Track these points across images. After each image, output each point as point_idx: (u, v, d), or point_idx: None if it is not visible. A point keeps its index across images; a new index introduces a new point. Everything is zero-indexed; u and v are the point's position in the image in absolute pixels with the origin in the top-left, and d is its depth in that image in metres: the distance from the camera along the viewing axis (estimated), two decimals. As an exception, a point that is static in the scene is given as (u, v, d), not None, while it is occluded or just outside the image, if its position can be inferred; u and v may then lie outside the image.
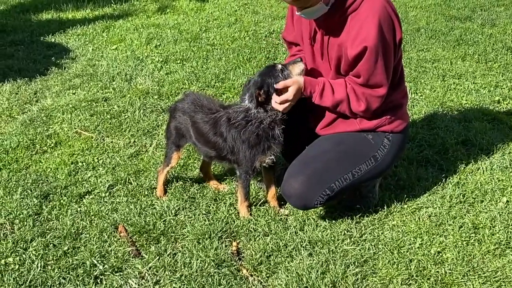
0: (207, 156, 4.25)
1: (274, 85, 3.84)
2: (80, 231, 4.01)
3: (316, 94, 3.86)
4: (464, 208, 4.25)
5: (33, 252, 3.76)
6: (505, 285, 3.54)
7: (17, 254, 3.76)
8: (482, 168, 4.72)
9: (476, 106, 5.89)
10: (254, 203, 4.26)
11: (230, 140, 3.99)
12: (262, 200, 4.31)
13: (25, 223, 4.06)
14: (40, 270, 3.61)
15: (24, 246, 3.84)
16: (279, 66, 3.89)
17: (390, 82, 3.83)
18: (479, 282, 3.54)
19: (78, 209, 4.26)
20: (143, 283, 3.55)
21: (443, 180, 4.56)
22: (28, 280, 3.52)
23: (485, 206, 4.28)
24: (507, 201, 4.32)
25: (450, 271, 3.63)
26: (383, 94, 3.78)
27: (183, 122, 4.24)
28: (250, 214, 4.14)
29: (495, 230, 3.99)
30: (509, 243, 3.89)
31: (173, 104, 4.43)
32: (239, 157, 4.02)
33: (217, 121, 4.04)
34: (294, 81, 3.82)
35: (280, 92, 3.84)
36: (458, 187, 4.47)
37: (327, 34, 3.85)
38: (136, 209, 4.22)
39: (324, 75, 4.00)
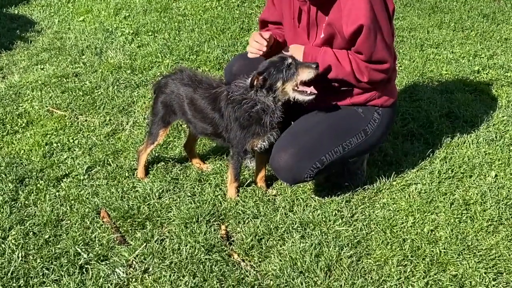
0: (203, 133, 4.07)
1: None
2: (61, 218, 3.84)
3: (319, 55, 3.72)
4: (454, 183, 4.18)
5: (13, 242, 3.58)
6: (500, 264, 3.49)
7: (-5, 244, 3.59)
8: (468, 141, 4.65)
9: (456, 77, 5.81)
10: (240, 184, 4.11)
11: (226, 117, 3.84)
12: (248, 181, 4.18)
13: (2, 210, 3.86)
14: (21, 260, 3.44)
15: (3, 235, 3.66)
16: (289, 61, 3.64)
17: None
18: (474, 261, 3.48)
19: (57, 193, 4.07)
20: (131, 272, 3.40)
21: (430, 154, 4.48)
22: (10, 272, 3.35)
23: (474, 181, 4.22)
24: (496, 175, 4.27)
25: (444, 250, 3.57)
26: (387, 68, 3.68)
27: (175, 98, 4.04)
28: (238, 196, 4.01)
29: (486, 206, 3.93)
30: (501, 219, 3.84)
31: (162, 79, 4.21)
32: (231, 136, 3.88)
33: (217, 96, 3.88)
34: None
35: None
36: (446, 162, 4.40)
37: (315, 13, 3.70)
38: (118, 192, 4.05)
39: None
